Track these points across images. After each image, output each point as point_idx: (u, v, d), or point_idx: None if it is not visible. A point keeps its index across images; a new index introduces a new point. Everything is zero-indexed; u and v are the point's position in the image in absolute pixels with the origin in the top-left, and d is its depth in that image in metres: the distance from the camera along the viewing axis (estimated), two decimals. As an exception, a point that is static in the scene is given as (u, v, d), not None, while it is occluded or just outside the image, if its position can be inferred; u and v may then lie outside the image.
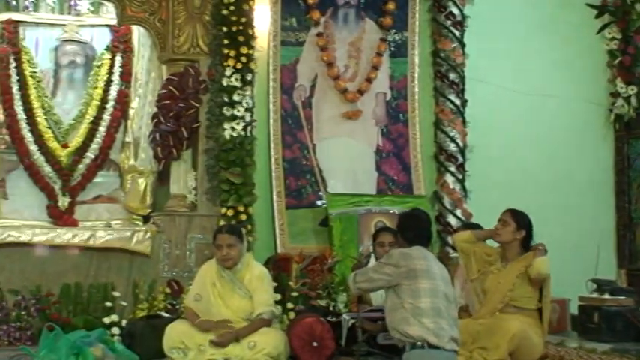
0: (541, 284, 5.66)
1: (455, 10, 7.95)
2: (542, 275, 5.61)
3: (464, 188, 7.83)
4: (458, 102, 7.91)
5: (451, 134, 7.85)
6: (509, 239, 5.75)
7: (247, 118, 7.01)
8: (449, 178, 7.81)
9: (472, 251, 5.91)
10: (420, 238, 5.07)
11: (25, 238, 6.74)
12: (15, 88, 7.25)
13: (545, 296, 5.73)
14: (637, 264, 8.29)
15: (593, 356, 5.87)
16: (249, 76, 7.03)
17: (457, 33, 7.95)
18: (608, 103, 8.54)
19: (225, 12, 6.95)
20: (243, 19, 6.99)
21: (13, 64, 7.26)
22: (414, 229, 5.13)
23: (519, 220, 5.76)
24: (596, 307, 6.55)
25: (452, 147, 7.84)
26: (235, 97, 6.96)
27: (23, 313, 6.40)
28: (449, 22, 7.95)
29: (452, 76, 7.92)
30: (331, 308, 6.17)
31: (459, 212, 7.71)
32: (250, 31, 7.05)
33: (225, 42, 6.96)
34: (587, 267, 6.83)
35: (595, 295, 6.69)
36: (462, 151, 7.88)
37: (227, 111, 6.95)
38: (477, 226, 6.17)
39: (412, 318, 4.75)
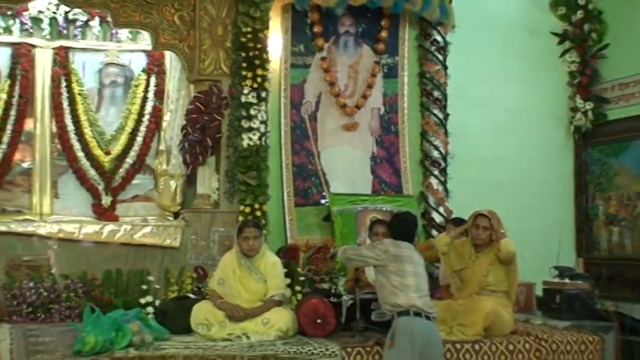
0: (509, 262, 5.69)
1: (438, 38, 7.95)
2: (511, 253, 5.66)
3: (446, 189, 7.83)
4: (441, 116, 7.92)
5: (435, 143, 7.86)
6: (488, 239, 5.79)
7: (262, 130, 7.01)
8: (433, 181, 7.82)
9: (451, 250, 5.94)
10: (404, 237, 5.23)
11: (73, 231, 6.79)
12: (65, 104, 7.24)
13: (513, 271, 5.75)
14: (593, 254, 8.30)
15: (554, 331, 5.89)
16: (263, 94, 7.03)
17: (440, 57, 7.95)
18: (569, 117, 8.53)
19: (243, 39, 6.96)
20: (259, 46, 6.99)
21: (64, 84, 7.26)
22: (400, 228, 5.29)
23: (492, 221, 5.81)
24: (558, 290, 6.54)
25: (435, 154, 7.85)
26: (252, 112, 6.96)
27: (72, 294, 6.42)
28: (433, 48, 7.95)
29: (436, 93, 7.92)
30: (333, 291, 6.18)
31: (441, 209, 7.73)
32: (265, 56, 7.05)
33: (244, 65, 6.96)
34: (551, 256, 6.84)
35: (557, 280, 6.69)
36: (444, 158, 7.88)
37: (245, 123, 6.95)
38: (461, 220, 6.17)
39: (399, 291, 4.96)
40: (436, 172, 7.82)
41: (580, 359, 5.63)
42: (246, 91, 6.95)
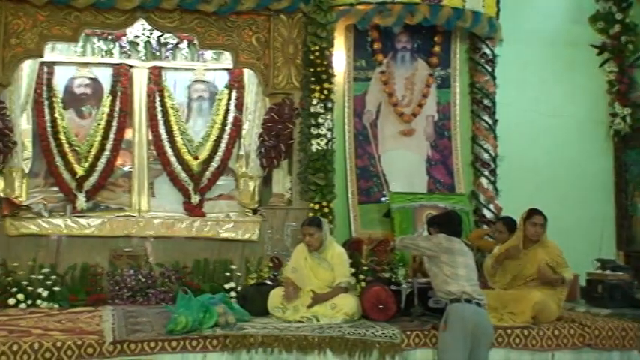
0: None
1: (487, 51, 7.81)
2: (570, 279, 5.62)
3: (495, 188, 7.67)
4: (490, 122, 7.77)
5: (485, 146, 7.71)
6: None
7: (329, 136, 6.98)
8: (483, 181, 7.66)
9: (499, 270, 5.78)
10: (453, 234, 5.11)
11: (167, 225, 6.89)
12: (159, 116, 7.35)
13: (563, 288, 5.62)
14: (632, 247, 8.02)
15: (597, 318, 5.71)
16: (330, 105, 7.01)
17: (489, 68, 7.81)
18: (608, 122, 8.27)
19: (312, 57, 6.95)
20: (325, 62, 6.97)
21: (158, 99, 7.36)
22: (449, 225, 5.19)
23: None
24: (600, 280, 6.37)
25: (485, 156, 7.70)
26: (320, 120, 6.94)
27: (166, 280, 6.52)
28: (482, 60, 7.81)
29: (485, 101, 7.78)
30: (393, 279, 6.13)
31: (491, 207, 7.57)
32: (331, 71, 7.02)
33: (312, 79, 6.95)
34: (593, 249, 6.68)
35: (599, 271, 6.52)
36: (494, 160, 7.72)
37: (314, 131, 6.94)
38: (510, 220, 6.00)
39: (451, 279, 4.88)
40: (486, 173, 7.67)
41: (620, 344, 5.45)
42: (314, 102, 6.95)
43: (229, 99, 7.49)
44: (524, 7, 8.08)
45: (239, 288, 6.38)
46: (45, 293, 6.19)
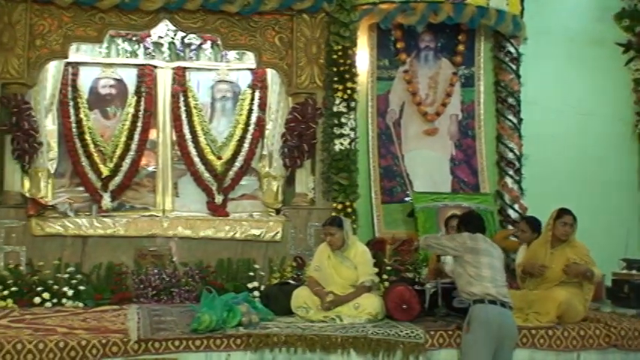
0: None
1: (512, 49, 7.74)
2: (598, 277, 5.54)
3: (520, 188, 7.60)
4: (515, 120, 7.70)
5: (510, 146, 7.65)
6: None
7: (352, 136, 6.98)
8: (508, 180, 7.60)
9: (526, 265, 5.70)
10: (474, 230, 5.04)
11: (191, 225, 6.93)
12: (183, 116, 7.38)
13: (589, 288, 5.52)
14: (659, 247, 7.91)
15: (623, 319, 5.61)
16: (353, 104, 7.00)
17: (514, 67, 7.74)
18: (634, 121, 8.17)
19: (334, 57, 6.95)
20: (349, 62, 6.97)
21: (182, 99, 7.40)
22: (470, 224, 5.10)
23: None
24: (626, 280, 6.28)
25: (510, 155, 7.64)
26: (343, 120, 6.95)
27: (190, 280, 6.54)
28: (507, 59, 7.75)
29: (510, 100, 7.71)
30: (416, 279, 6.08)
31: (516, 206, 7.50)
32: (354, 70, 7.02)
33: (335, 79, 6.96)
34: (619, 249, 6.58)
35: (625, 271, 6.43)
36: (519, 159, 7.65)
37: (337, 130, 6.95)
38: (534, 219, 5.94)
39: (475, 281, 4.80)
40: (511, 172, 7.61)
41: (647, 345, 5.36)
42: (337, 101, 6.95)
43: (252, 99, 7.51)
44: (549, 5, 8.02)
45: (262, 287, 6.38)
46: (70, 292, 6.24)
